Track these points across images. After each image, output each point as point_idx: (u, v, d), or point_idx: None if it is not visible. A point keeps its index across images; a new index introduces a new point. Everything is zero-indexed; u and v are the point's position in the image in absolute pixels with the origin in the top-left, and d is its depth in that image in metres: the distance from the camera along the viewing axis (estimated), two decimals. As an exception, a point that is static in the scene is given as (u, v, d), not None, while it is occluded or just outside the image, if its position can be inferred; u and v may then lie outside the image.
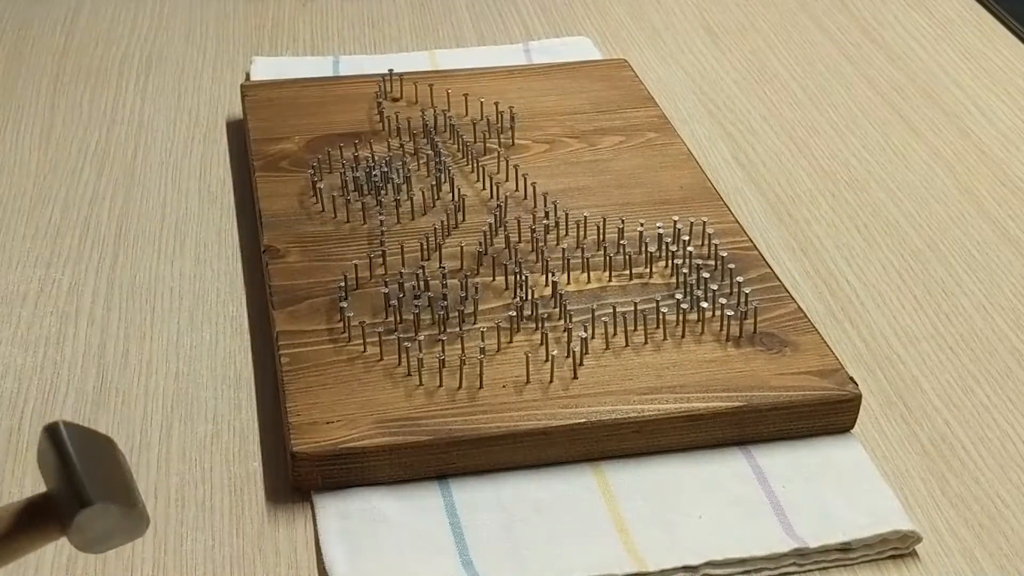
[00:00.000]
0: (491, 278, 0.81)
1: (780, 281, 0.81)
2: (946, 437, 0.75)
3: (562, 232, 0.86)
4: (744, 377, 0.73)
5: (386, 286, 0.78)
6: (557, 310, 0.78)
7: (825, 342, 0.76)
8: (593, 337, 0.76)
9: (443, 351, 0.73)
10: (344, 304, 0.77)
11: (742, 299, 0.78)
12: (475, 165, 0.92)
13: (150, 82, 1.10)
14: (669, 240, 0.84)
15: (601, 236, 0.85)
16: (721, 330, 0.76)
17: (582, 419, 0.70)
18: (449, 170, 0.91)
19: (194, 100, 1.08)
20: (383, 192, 0.89)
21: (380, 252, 0.82)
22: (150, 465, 0.71)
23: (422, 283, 0.80)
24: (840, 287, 0.87)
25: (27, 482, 0.69)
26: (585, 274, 0.82)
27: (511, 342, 0.75)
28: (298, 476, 0.68)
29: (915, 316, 0.84)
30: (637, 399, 0.71)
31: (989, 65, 1.16)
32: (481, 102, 0.99)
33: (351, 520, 0.66)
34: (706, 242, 0.84)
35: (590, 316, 0.77)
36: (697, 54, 1.17)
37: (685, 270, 0.81)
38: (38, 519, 0.51)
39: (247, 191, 0.93)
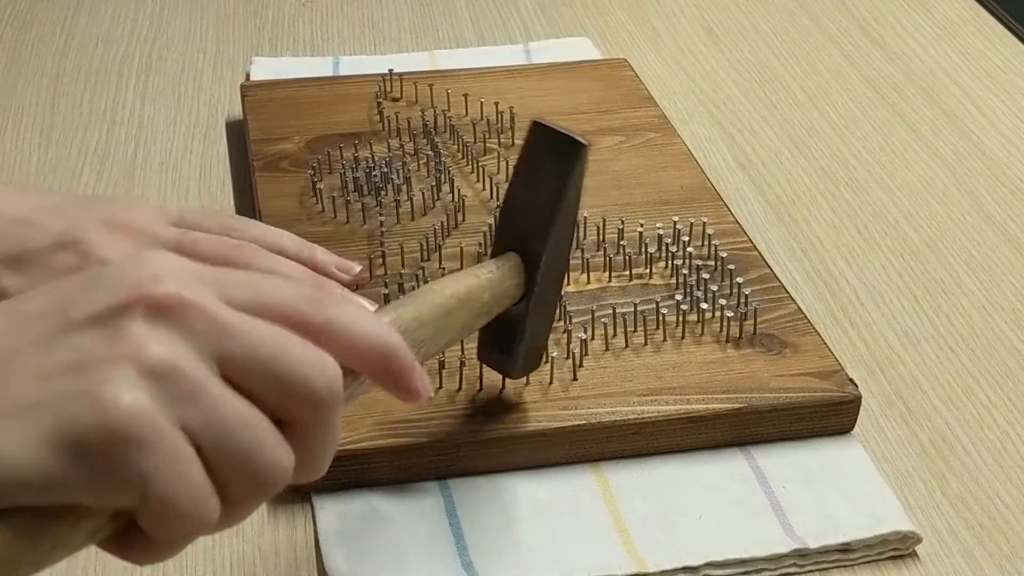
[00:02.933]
0: (491, 279, 0.81)
1: (780, 282, 0.81)
2: (946, 437, 0.75)
3: (562, 233, 0.86)
4: (744, 378, 0.73)
5: (386, 287, 0.78)
6: (557, 311, 0.78)
7: (825, 343, 0.76)
8: (593, 338, 0.76)
9: (443, 353, 0.73)
10: (344, 305, 0.77)
11: (742, 300, 0.78)
12: (475, 165, 0.92)
13: (150, 82, 1.10)
14: (669, 241, 0.84)
15: (601, 237, 0.85)
16: (721, 331, 0.76)
17: (581, 421, 0.70)
18: (449, 170, 0.91)
19: (194, 100, 1.08)
20: (383, 192, 0.89)
21: (380, 253, 0.82)
22: (150, 466, 0.71)
23: (422, 284, 0.80)
24: (840, 287, 0.87)
25: (27, 483, 0.69)
26: (585, 275, 0.82)
27: (511, 343, 0.75)
28: (298, 477, 0.68)
29: (915, 316, 0.84)
30: (637, 400, 0.71)
31: (989, 65, 1.16)
32: (481, 102, 0.99)
33: (351, 521, 0.66)
34: (706, 243, 0.84)
35: (590, 317, 0.77)
36: (697, 54, 1.17)
37: (685, 271, 0.81)
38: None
39: (247, 191, 0.93)
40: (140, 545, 0.45)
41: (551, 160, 0.65)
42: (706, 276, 0.80)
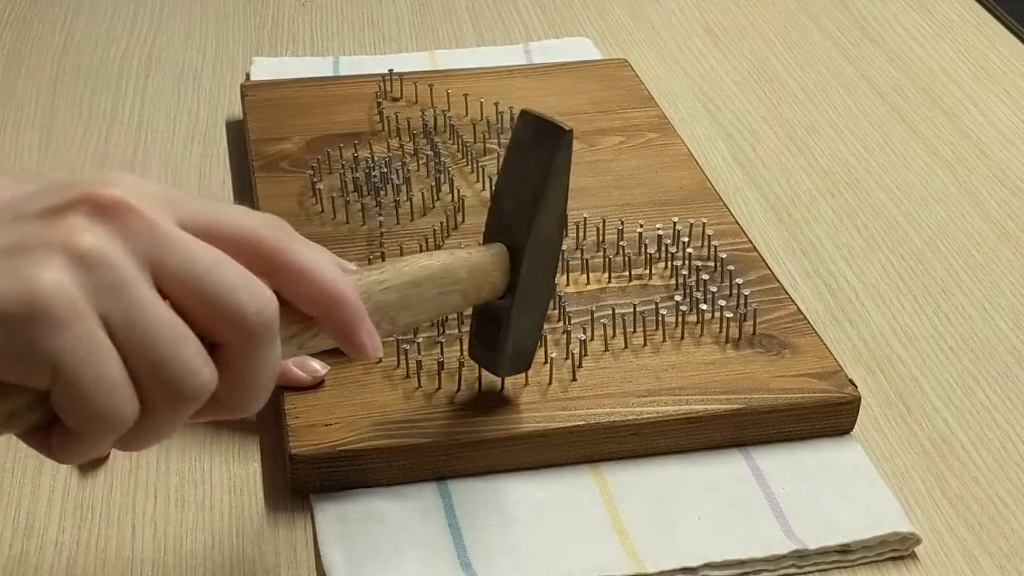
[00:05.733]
0: (490, 279, 0.81)
1: (780, 283, 0.81)
2: (946, 437, 0.75)
3: (561, 233, 0.85)
4: (743, 379, 0.73)
5: (385, 287, 0.78)
6: (556, 312, 0.78)
7: (825, 344, 0.76)
8: (592, 339, 0.76)
9: (442, 353, 0.73)
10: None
11: (741, 301, 0.78)
12: (475, 166, 0.92)
13: (150, 82, 1.10)
14: (669, 241, 0.84)
15: (600, 237, 0.85)
16: (720, 332, 0.76)
17: (580, 422, 0.70)
18: (449, 171, 0.91)
19: (194, 100, 1.08)
20: (383, 193, 0.89)
21: (379, 253, 0.82)
22: (150, 465, 0.71)
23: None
24: (840, 287, 0.87)
25: (26, 483, 0.69)
26: (584, 275, 0.82)
27: (510, 343, 0.75)
28: (297, 478, 0.68)
29: (915, 316, 0.84)
30: (636, 401, 0.71)
31: (989, 65, 1.16)
32: (481, 102, 0.99)
33: (350, 522, 0.66)
34: (706, 243, 0.84)
35: (589, 318, 0.77)
36: (697, 54, 1.17)
37: (684, 272, 0.81)
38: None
39: (247, 192, 0.93)
40: (58, 438, 0.47)
41: (535, 146, 0.66)
42: (706, 277, 0.80)
